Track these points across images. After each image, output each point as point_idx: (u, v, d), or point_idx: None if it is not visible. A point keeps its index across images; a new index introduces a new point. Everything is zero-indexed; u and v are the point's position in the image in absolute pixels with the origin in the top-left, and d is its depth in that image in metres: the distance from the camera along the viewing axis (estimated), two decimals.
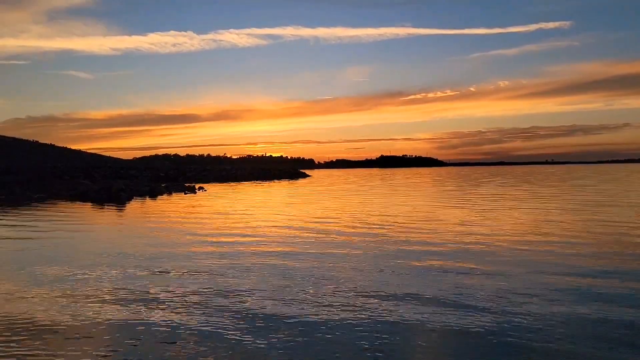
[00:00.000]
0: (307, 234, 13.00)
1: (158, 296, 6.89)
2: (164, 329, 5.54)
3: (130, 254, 10.32)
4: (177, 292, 7.13)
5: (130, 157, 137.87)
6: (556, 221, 14.91)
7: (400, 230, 13.41)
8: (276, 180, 67.16)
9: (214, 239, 12.32)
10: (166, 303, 6.55)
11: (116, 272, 8.48)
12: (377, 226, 14.46)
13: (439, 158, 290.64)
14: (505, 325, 5.46)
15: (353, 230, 13.72)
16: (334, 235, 12.68)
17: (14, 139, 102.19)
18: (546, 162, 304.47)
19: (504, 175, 74.63)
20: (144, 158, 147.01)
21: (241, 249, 10.84)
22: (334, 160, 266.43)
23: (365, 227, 14.25)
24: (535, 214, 17.30)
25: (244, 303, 6.49)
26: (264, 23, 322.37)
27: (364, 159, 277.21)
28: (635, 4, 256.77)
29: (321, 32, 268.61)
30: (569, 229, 13.13)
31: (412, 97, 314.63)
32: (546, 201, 22.96)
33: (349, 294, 6.83)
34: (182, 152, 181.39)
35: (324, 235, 12.71)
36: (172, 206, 23.68)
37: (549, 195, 27.48)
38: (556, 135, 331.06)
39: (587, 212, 17.40)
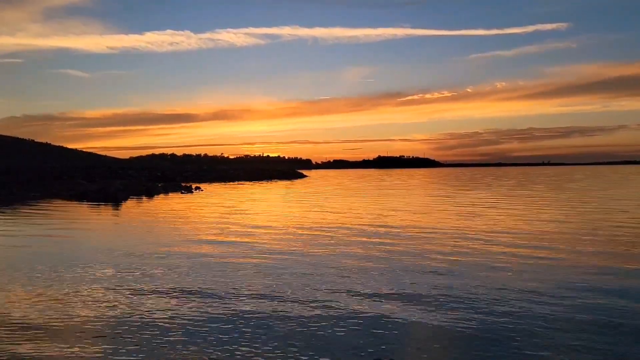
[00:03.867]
0: (300, 237, 13.52)
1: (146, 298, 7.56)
2: (154, 328, 6.23)
3: (123, 253, 10.95)
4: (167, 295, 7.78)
5: (127, 157, 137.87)
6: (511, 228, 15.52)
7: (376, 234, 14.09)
8: (273, 180, 67.78)
9: (206, 241, 12.93)
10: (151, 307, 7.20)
11: (106, 273, 9.11)
12: (366, 231, 15.12)
13: (436, 159, 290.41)
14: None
15: (344, 238, 14.17)
16: (328, 239, 13.20)
17: (9, 137, 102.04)
18: (543, 164, 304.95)
19: (497, 176, 75.40)
20: (140, 157, 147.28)
21: (231, 252, 11.39)
22: (332, 160, 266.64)
23: (354, 232, 14.84)
24: (496, 218, 17.97)
25: (234, 303, 7.16)
26: (261, 23, 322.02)
27: (361, 159, 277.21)
28: (633, 5, 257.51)
29: (319, 32, 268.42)
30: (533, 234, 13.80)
31: (410, 97, 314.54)
32: (521, 205, 23.61)
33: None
34: (179, 152, 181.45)
35: (314, 241, 13.29)
36: (169, 206, 24.31)
37: (524, 198, 28.10)
38: (553, 137, 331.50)
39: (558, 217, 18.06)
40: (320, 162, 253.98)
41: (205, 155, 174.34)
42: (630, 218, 16.39)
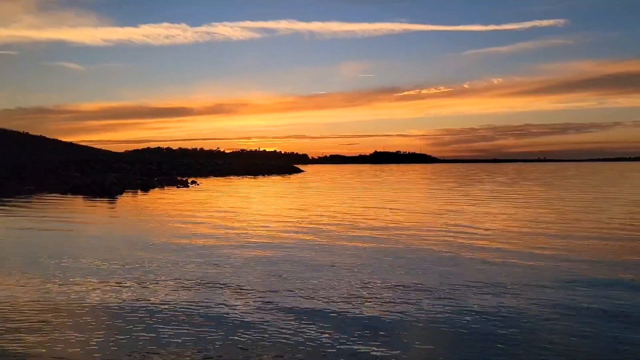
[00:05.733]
0: (293, 234, 13.53)
1: (138, 292, 7.53)
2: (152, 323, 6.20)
3: (116, 250, 10.91)
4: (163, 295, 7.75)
5: (122, 150, 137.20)
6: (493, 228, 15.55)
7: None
8: (270, 175, 67.75)
9: (200, 236, 12.92)
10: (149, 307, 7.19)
11: (101, 268, 9.08)
12: (359, 225, 15.18)
13: (432, 155, 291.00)
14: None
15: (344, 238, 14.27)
16: (325, 234, 13.28)
17: (3, 130, 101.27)
18: (538, 160, 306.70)
19: (490, 172, 75.80)
20: (136, 151, 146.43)
21: (226, 248, 11.42)
22: (328, 155, 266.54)
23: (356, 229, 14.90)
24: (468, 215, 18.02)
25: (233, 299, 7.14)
26: (258, 16, 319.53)
27: (357, 154, 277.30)
28: (630, 3, 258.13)
29: (316, 26, 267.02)
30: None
31: (406, 93, 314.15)
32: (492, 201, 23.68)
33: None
34: (175, 146, 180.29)
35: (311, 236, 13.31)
36: (164, 200, 24.22)
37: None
38: (549, 133, 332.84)
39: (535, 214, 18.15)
40: (316, 157, 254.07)
41: (202, 149, 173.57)
42: (613, 217, 16.49)
